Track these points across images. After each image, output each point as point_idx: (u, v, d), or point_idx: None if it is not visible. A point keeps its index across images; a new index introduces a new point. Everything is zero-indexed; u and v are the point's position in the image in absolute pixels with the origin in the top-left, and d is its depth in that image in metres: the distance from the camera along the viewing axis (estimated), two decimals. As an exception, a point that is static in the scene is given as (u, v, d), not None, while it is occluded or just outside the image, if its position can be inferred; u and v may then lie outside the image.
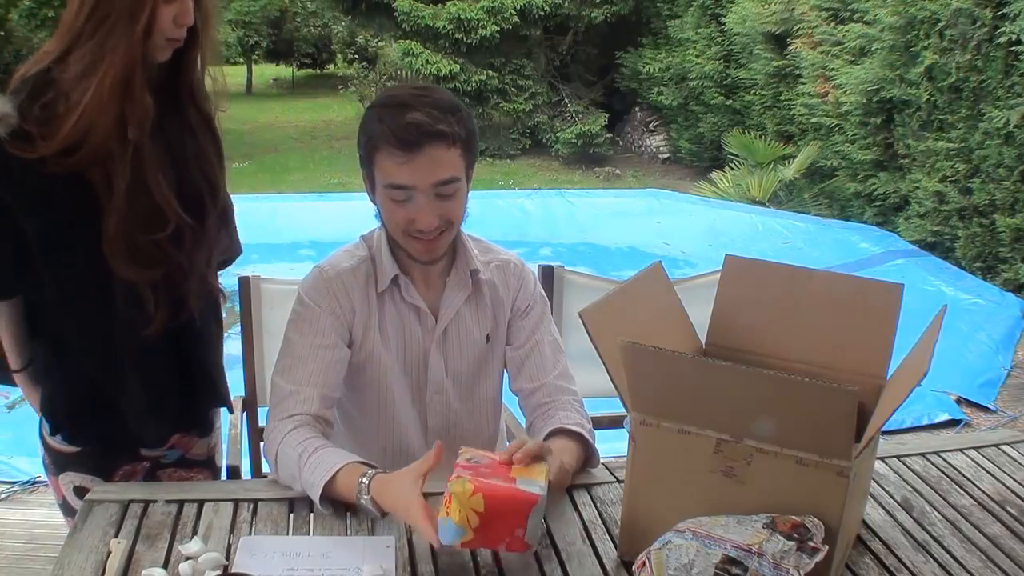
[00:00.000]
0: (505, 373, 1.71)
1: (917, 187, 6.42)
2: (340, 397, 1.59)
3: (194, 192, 1.52)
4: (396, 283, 1.56)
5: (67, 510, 1.61)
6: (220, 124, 1.59)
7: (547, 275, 2.13)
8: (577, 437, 1.52)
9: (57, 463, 1.59)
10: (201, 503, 1.38)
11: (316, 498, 1.36)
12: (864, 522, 1.43)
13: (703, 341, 1.55)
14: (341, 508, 1.37)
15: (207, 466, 1.73)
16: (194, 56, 1.49)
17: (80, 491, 1.56)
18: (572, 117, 10.56)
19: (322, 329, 1.52)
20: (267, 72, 18.69)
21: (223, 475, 1.83)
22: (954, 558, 1.35)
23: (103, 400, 1.52)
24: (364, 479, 1.32)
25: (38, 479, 2.98)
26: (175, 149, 1.48)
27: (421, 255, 1.50)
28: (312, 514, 1.38)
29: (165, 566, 1.22)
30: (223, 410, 1.78)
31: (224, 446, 1.93)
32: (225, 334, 1.73)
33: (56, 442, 1.57)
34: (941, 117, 6.19)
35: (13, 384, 1.60)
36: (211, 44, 1.50)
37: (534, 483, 1.22)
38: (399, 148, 1.39)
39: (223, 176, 1.61)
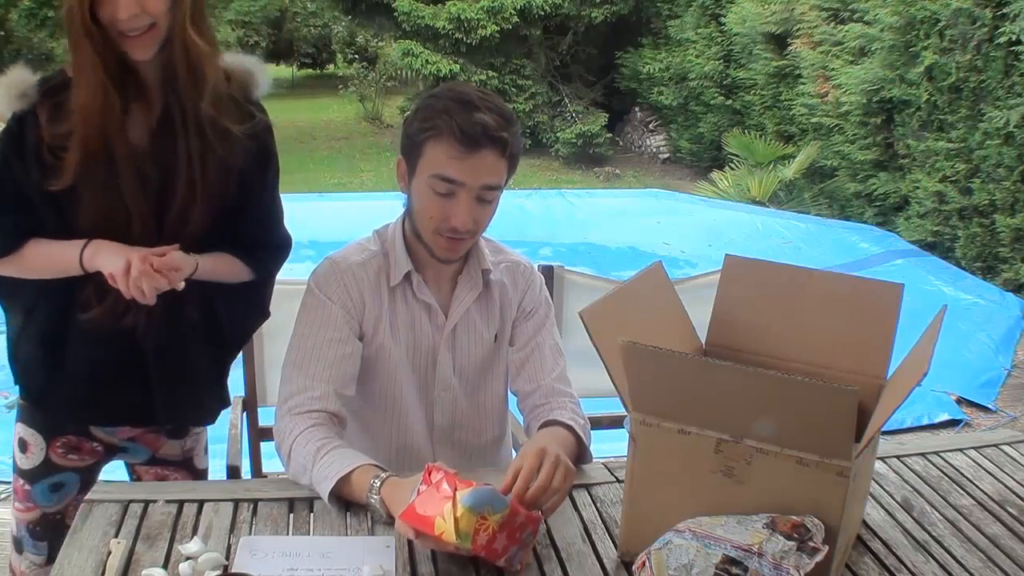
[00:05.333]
0: None
1: (917, 187, 6.42)
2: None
3: (173, 194, 1.49)
4: (408, 280, 1.56)
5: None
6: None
7: (547, 275, 2.13)
8: (569, 428, 1.53)
9: (19, 412, 1.63)
10: (201, 503, 1.38)
11: (326, 492, 1.35)
12: (864, 522, 1.43)
13: (703, 341, 1.55)
14: (343, 507, 1.37)
15: (183, 467, 1.73)
16: (170, 49, 1.42)
17: (22, 444, 1.61)
18: (572, 117, 10.56)
19: (334, 322, 1.52)
20: (267, 72, 18.67)
21: (223, 475, 1.83)
22: (954, 558, 1.35)
23: (53, 363, 1.54)
24: (376, 480, 1.33)
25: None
26: (157, 149, 1.47)
27: (443, 253, 1.51)
28: (312, 514, 1.37)
29: (165, 566, 1.22)
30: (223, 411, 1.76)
31: (224, 446, 1.93)
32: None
33: (17, 392, 1.61)
34: (941, 117, 6.19)
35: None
36: (189, 35, 1.42)
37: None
38: (460, 143, 1.41)
39: (227, 174, 1.56)
